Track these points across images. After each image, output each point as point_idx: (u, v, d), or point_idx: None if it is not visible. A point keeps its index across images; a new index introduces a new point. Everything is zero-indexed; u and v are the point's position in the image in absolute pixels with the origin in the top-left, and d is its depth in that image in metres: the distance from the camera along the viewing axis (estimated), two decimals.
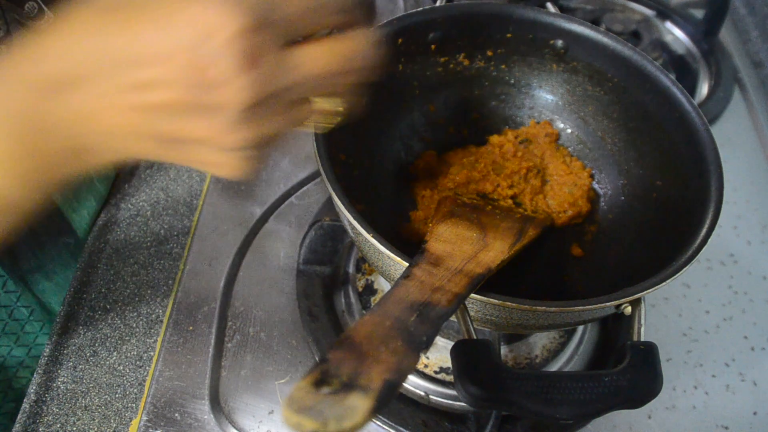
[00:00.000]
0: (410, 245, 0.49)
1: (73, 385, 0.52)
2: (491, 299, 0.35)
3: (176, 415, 0.50)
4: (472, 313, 0.37)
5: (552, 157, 0.55)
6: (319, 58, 0.27)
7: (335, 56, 0.27)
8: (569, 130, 0.57)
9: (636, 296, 0.36)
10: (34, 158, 0.27)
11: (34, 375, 0.52)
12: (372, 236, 0.37)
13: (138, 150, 0.27)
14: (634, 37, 0.81)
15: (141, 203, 0.64)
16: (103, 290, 0.58)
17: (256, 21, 0.24)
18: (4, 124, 0.26)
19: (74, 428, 0.50)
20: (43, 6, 0.53)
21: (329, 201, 0.55)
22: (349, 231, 0.42)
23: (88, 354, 0.54)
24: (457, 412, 0.51)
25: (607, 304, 0.36)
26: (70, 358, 0.54)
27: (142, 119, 0.25)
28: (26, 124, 0.26)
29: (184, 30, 0.23)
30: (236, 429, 0.50)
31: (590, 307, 0.36)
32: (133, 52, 0.24)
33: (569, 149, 0.56)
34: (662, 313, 0.59)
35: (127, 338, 0.55)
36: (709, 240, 0.38)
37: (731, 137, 0.75)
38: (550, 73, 0.56)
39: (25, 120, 0.26)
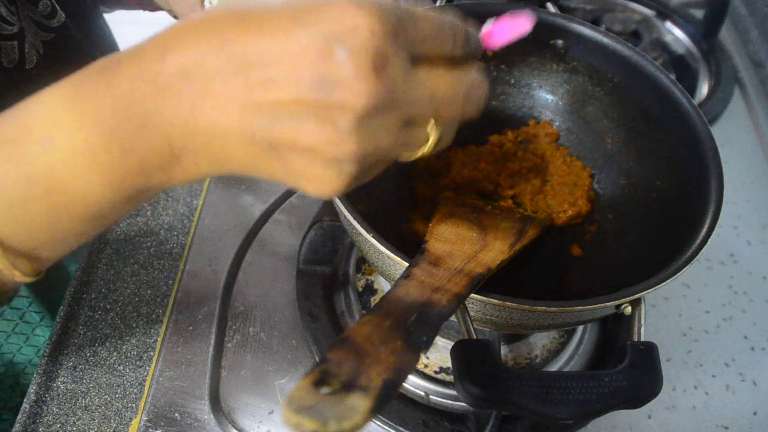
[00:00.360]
0: (410, 245, 0.49)
1: (73, 385, 0.52)
2: (491, 299, 0.35)
3: (176, 415, 0.50)
4: (472, 313, 0.37)
5: (552, 157, 0.55)
6: (445, 80, 0.27)
7: (461, 82, 0.27)
8: (569, 130, 0.57)
9: (636, 296, 0.36)
10: (127, 157, 0.25)
11: (34, 375, 0.52)
12: (372, 236, 0.37)
13: (237, 156, 0.25)
14: (634, 37, 0.81)
15: (141, 203, 0.64)
16: (103, 290, 0.58)
17: (392, 28, 0.24)
18: (106, 117, 0.25)
19: (74, 428, 0.50)
20: (56, 5, 0.53)
21: (329, 201, 0.55)
22: (349, 231, 0.42)
23: (88, 354, 0.54)
24: (457, 412, 0.51)
25: (607, 304, 0.36)
26: (70, 358, 0.54)
27: (255, 119, 0.24)
28: (128, 117, 0.25)
29: (317, 27, 0.23)
30: (236, 429, 0.50)
31: (590, 307, 0.35)
32: (259, 51, 0.24)
33: (569, 149, 0.56)
34: (662, 313, 0.59)
35: (127, 338, 0.55)
36: (709, 240, 0.38)
37: (731, 137, 0.75)
38: (550, 73, 0.56)
39: (128, 113, 0.25)
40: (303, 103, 0.24)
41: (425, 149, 0.28)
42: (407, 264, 0.36)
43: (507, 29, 0.32)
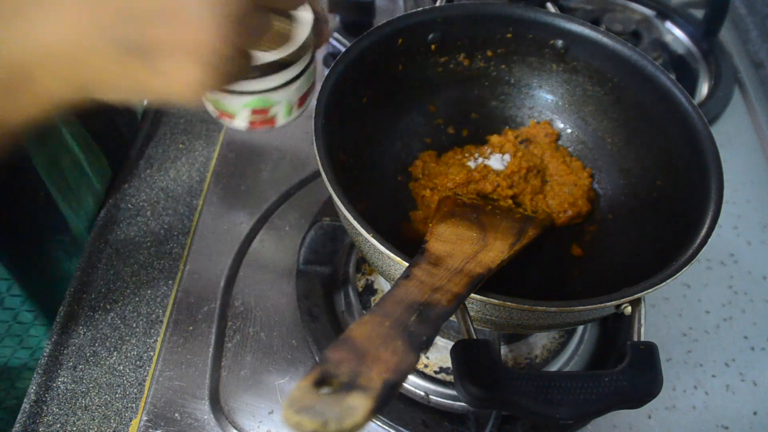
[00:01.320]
0: (410, 245, 0.49)
1: (73, 385, 0.52)
2: (491, 299, 0.35)
3: (176, 415, 0.50)
4: (472, 313, 0.37)
5: (552, 157, 0.55)
6: None
7: None
8: (569, 130, 0.57)
9: (636, 296, 0.36)
10: None
11: (34, 375, 0.52)
12: (372, 236, 0.37)
13: (94, 67, 0.26)
14: (634, 37, 0.81)
15: (141, 203, 0.64)
16: (103, 290, 0.58)
17: None
18: None
19: (74, 428, 0.50)
20: None
21: (329, 201, 0.55)
22: (349, 231, 0.42)
23: (88, 354, 0.54)
24: (457, 412, 0.51)
25: (607, 304, 0.36)
26: (70, 358, 0.54)
27: (109, 24, 0.25)
28: None
29: None
30: (236, 429, 0.50)
31: (590, 307, 0.36)
32: None
33: (569, 149, 0.56)
34: (662, 313, 0.59)
35: (127, 338, 0.55)
36: (709, 240, 0.38)
37: (731, 137, 0.75)
38: (550, 73, 0.56)
39: None
40: None
41: (281, 39, 0.32)
42: (407, 264, 0.36)
43: None
